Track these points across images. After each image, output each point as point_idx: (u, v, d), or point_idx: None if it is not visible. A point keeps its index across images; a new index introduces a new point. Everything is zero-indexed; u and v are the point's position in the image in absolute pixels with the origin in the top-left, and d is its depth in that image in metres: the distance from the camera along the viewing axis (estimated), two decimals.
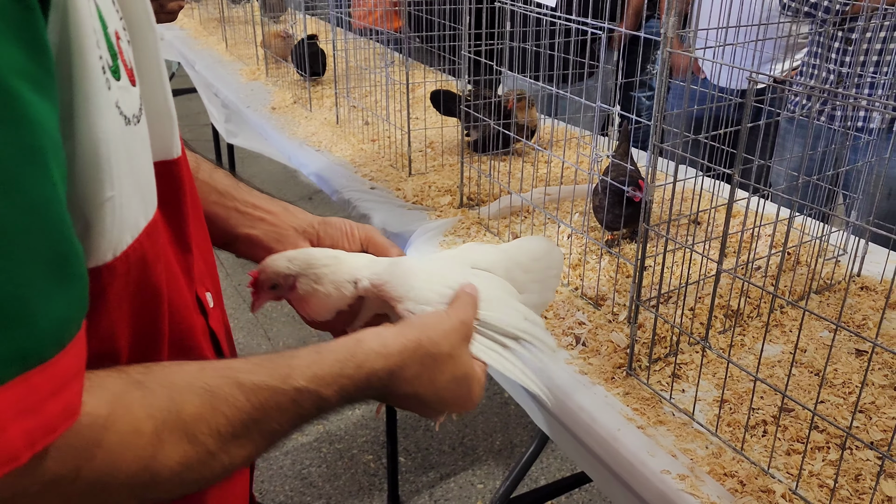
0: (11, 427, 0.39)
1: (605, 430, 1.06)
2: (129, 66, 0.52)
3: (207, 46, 3.96)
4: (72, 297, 0.43)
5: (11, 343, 0.39)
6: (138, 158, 0.52)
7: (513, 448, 2.54)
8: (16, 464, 0.40)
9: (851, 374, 1.15)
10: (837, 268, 1.47)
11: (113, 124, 0.48)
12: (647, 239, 1.09)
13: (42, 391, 0.41)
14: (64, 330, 0.43)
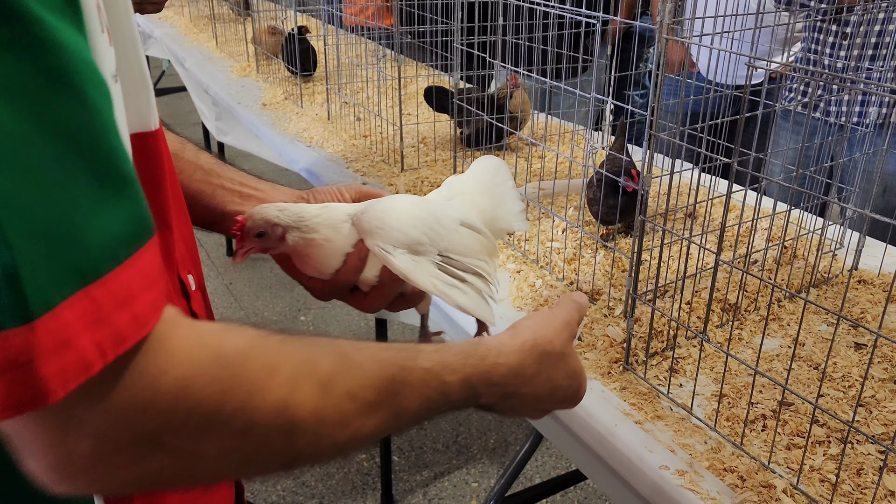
0: (81, 338, 0.40)
1: (602, 426, 1.04)
2: (107, 26, 0.50)
3: (198, 43, 3.92)
4: (123, 214, 0.43)
5: (65, 260, 0.40)
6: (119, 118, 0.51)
7: (507, 446, 2.52)
8: (90, 373, 0.41)
9: (850, 367, 1.13)
10: (834, 262, 1.45)
11: (108, 71, 0.47)
12: (644, 231, 1.07)
13: (106, 304, 0.41)
14: (118, 246, 0.43)
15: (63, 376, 0.39)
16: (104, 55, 0.47)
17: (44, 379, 0.39)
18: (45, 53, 0.39)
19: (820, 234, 1.42)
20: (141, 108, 0.57)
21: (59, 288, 0.39)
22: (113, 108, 0.44)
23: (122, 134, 0.50)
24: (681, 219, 1.63)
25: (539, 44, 1.59)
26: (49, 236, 0.39)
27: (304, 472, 2.42)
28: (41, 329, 0.38)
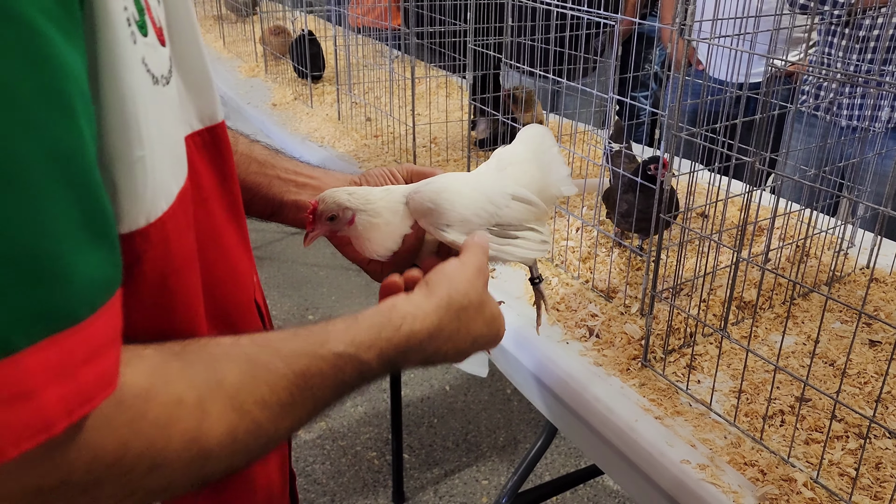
0: (46, 392, 0.36)
1: (623, 421, 1.06)
2: (158, 25, 0.50)
3: (205, 43, 3.94)
4: (103, 259, 0.40)
5: (40, 299, 0.36)
6: (167, 121, 0.50)
7: (516, 444, 2.53)
8: (52, 432, 0.37)
9: (866, 364, 1.15)
10: (846, 261, 1.47)
11: (140, 80, 0.45)
12: (663, 229, 1.09)
13: (76, 356, 0.38)
14: (96, 292, 0.40)
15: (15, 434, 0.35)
16: (150, 56, 0.47)
17: None
18: (47, 71, 0.36)
19: (832, 233, 1.44)
20: (207, 101, 0.58)
21: (27, 329, 0.35)
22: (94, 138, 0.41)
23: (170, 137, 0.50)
24: (695, 218, 1.65)
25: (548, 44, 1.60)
26: (25, 265, 0.35)
27: (315, 470, 2.44)
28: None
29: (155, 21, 0.49)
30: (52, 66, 0.37)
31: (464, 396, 2.77)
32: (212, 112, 0.59)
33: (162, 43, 0.50)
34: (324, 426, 2.62)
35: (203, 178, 0.58)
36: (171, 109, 0.51)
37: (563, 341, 1.24)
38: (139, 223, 0.47)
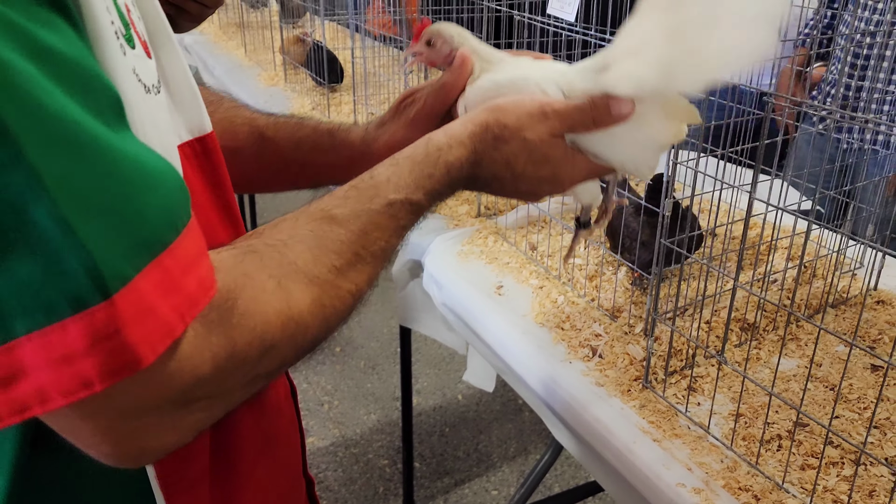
0: (161, 304, 0.43)
1: (621, 443, 1.07)
2: (143, 39, 0.53)
3: (227, 51, 4.00)
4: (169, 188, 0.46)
5: (133, 236, 0.42)
6: (163, 128, 0.53)
7: (527, 455, 2.55)
8: (175, 335, 0.44)
9: (867, 389, 1.15)
10: (854, 281, 1.47)
11: (133, 89, 0.48)
12: (664, 255, 1.11)
13: (175, 271, 0.44)
14: (173, 217, 0.45)
15: (150, 341, 0.42)
16: (140, 67, 0.50)
17: (133, 346, 0.41)
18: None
19: (838, 254, 1.44)
20: (194, 112, 0.61)
21: (132, 262, 0.42)
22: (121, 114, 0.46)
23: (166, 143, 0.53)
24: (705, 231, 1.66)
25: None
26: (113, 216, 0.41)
27: (327, 477, 2.47)
28: (121, 302, 0.41)
29: (140, 35, 0.52)
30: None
31: (476, 406, 2.79)
32: (200, 123, 0.62)
33: (148, 55, 0.53)
34: (337, 433, 2.66)
35: (195, 188, 0.60)
36: (163, 117, 0.54)
37: (567, 361, 1.26)
38: None
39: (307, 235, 0.57)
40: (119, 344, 0.41)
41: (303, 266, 0.55)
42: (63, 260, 0.39)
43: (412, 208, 0.64)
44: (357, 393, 2.87)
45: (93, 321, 0.40)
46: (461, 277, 1.54)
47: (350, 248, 0.58)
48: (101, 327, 0.40)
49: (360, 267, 0.59)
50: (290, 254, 0.55)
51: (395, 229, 0.63)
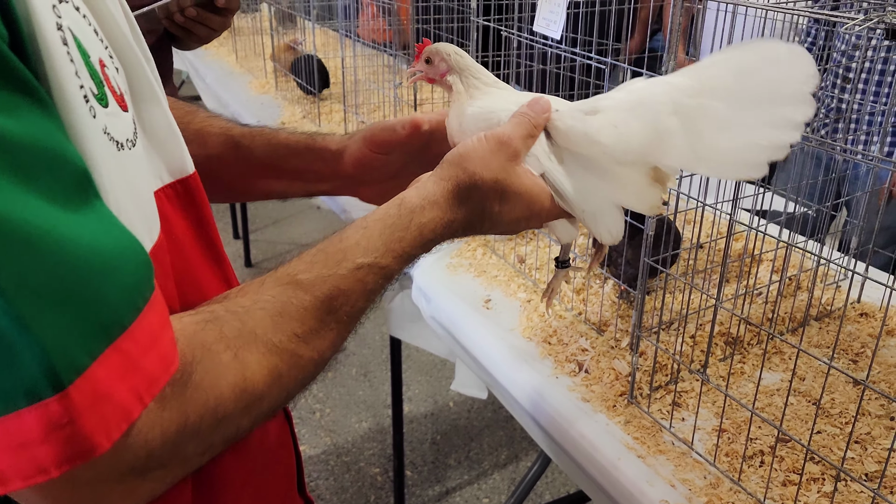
0: (118, 389, 0.43)
1: (606, 459, 1.09)
2: (119, 92, 0.53)
3: (218, 57, 4.00)
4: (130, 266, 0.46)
5: (89, 322, 0.42)
6: (137, 182, 0.53)
7: (518, 462, 2.57)
8: (131, 418, 0.44)
9: (848, 403, 1.17)
10: (838, 293, 1.49)
11: (103, 150, 0.48)
12: (648, 273, 1.12)
13: (134, 353, 0.44)
14: (135, 294, 0.45)
15: (106, 429, 0.43)
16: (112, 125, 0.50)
17: (88, 435, 0.42)
18: None
19: (823, 266, 1.46)
20: (175, 156, 0.62)
21: (89, 349, 0.42)
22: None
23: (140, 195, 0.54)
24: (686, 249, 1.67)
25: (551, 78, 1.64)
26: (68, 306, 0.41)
27: (319, 486, 2.48)
28: (76, 393, 0.41)
29: (115, 89, 0.52)
30: None
31: (467, 413, 2.80)
32: (181, 165, 0.62)
33: (124, 108, 0.53)
34: (328, 441, 2.67)
35: (177, 228, 0.61)
36: (139, 170, 0.54)
37: (553, 376, 1.27)
38: None
39: (270, 301, 0.57)
40: (74, 433, 0.41)
41: (262, 335, 0.55)
42: (18, 354, 0.40)
43: (381, 273, 0.63)
44: (349, 400, 2.88)
45: (47, 412, 0.41)
46: (449, 291, 1.55)
47: (314, 315, 0.58)
48: (55, 418, 0.41)
49: (325, 333, 0.59)
50: (250, 321, 0.55)
51: (363, 294, 0.62)
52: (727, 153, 0.67)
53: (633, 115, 0.70)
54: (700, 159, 0.68)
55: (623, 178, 0.73)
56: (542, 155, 0.73)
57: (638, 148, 0.70)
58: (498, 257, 1.67)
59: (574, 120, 0.74)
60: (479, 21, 1.61)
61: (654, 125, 0.69)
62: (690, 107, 0.67)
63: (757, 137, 0.65)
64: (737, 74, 0.66)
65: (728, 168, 0.70)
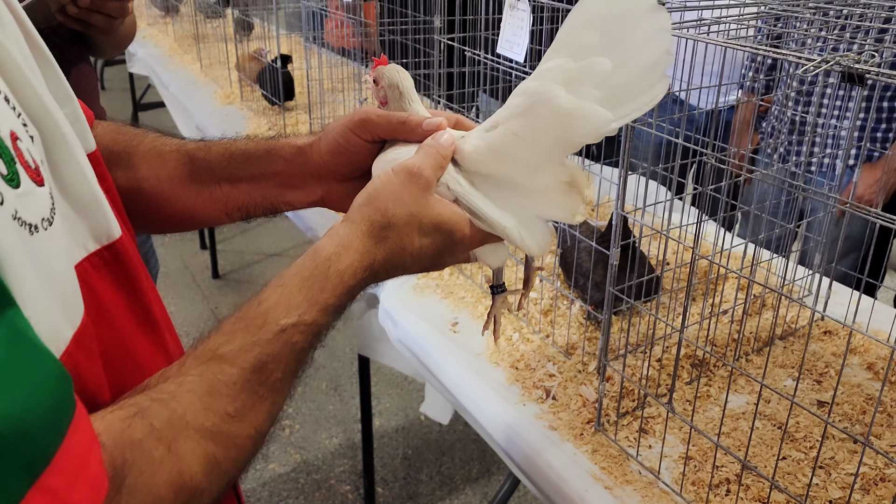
0: None
1: (574, 490, 1.08)
2: (33, 166, 0.49)
3: (182, 65, 3.93)
4: (46, 390, 0.42)
5: (9, 465, 0.38)
6: (53, 265, 0.49)
7: (490, 476, 2.56)
8: None
9: (812, 427, 1.18)
10: (802, 311, 1.50)
11: (12, 239, 0.45)
12: (613, 302, 1.11)
13: (61, 489, 0.41)
14: (56, 420, 0.42)
15: None
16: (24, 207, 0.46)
17: None
18: None
19: (788, 283, 1.47)
20: (99, 220, 0.58)
21: (10, 495, 0.38)
22: None
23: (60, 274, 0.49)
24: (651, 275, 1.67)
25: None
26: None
27: (289, 502, 2.45)
28: None
29: (28, 164, 0.48)
30: None
31: (438, 427, 2.79)
32: (107, 230, 0.58)
33: (39, 183, 0.49)
34: (297, 458, 2.63)
35: (106, 300, 0.57)
36: (57, 249, 0.50)
37: (521, 403, 1.26)
38: None
39: (196, 382, 0.53)
40: None
41: (193, 420, 0.52)
42: None
43: (308, 330, 0.60)
44: (318, 416, 2.85)
45: None
46: (416, 314, 1.53)
47: (244, 389, 0.55)
48: None
49: (259, 406, 0.56)
50: (179, 407, 0.52)
51: (293, 355, 0.59)
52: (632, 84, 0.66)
53: (529, 116, 0.69)
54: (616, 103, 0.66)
55: (539, 189, 0.72)
56: (452, 181, 0.72)
57: (545, 146, 0.69)
58: (465, 277, 1.66)
59: (477, 139, 0.73)
60: (443, 39, 1.59)
61: (553, 112, 0.67)
62: (575, 71, 0.66)
63: (639, 71, 0.66)
64: (601, 30, 0.66)
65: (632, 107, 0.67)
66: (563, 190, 0.72)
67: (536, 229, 0.73)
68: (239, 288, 3.78)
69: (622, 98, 0.66)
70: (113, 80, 7.20)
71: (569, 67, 0.67)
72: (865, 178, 2.03)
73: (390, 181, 0.69)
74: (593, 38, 0.66)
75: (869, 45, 1.02)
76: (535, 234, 0.73)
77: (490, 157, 0.72)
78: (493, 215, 0.72)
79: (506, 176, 0.72)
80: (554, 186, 0.71)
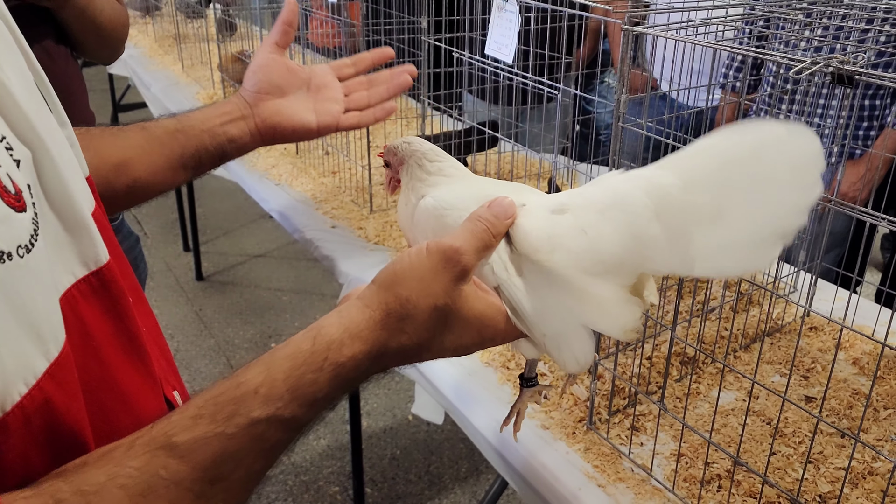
0: None
1: (567, 489, 1.09)
2: (13, 191, 0.47)
3: (163, 66, 3.90)
4: None
5: None
6: (25, 295, 0.46)
7: (479, 475, 2.56)
8: None
9: (801, 422, 1.19)
10: (788, 307, 1.52)
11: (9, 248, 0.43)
12: None
13: None
14: None
15: None
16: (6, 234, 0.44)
17: None
18: None
19: (775, 280, 1.49)
20: (85, 247, 0.55)
21: None
22: None
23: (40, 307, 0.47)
24: None
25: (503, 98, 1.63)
26: None
27: None
28: None
29: (5, 190, 0.46)
30: None
31: (426, 426, 2.79)
32: (95, 254, 0.55)
33: (19, 208, 0.47)
34: (286, 461, 2.62)
35: (93, 328, 0.54)
36: (33, 278, 0.47)
37: (511, 403, 1.27)
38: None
39: (133, 476, 0.46)
40: None
41: None
42: None
43: (283, 426, 0.52)
44: None
45: None
46: None
47: (191, 490, 0.48)
48: None
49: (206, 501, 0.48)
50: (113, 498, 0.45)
51: (261, 454, 0.51)
52: (724, 253, 0.58)
53: (605, 219, 0.60)
54: (692, 263, 0.58)
55: (594, 294, 0.61)
56: (498, 265, 0.63)
57: (610, 258, 0.60)
58: None
59: (538, 219, 0.64)
60: (430, 40, 1.59)
61: (632, 231, 0.59)
62: (675, 206, 0.57)
63: (757, 230, 0.56)
64: (725, 162, 0.57)
65: (728, 266, 0.60)
66: (622, 298, 0.62)
67: (578, 342, 0.63)
68: (223, 290, 3.75)
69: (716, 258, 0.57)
70: (92, 82, 7.10)
71: (676, 188, 0.57)
72: (849, 175, 2.06)
73: (420, 264, 0.59)
74: (726, 175, 0.56)
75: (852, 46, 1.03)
76: (575, 348, 0.63)
77: (547, 244, 0.63)
78: (534, 318, 0.62)
79: (558, 272, 0.62)
80: (611, 294, 0.62)
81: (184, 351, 3.25)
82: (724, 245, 0.57)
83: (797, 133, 0.56)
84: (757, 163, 0.56)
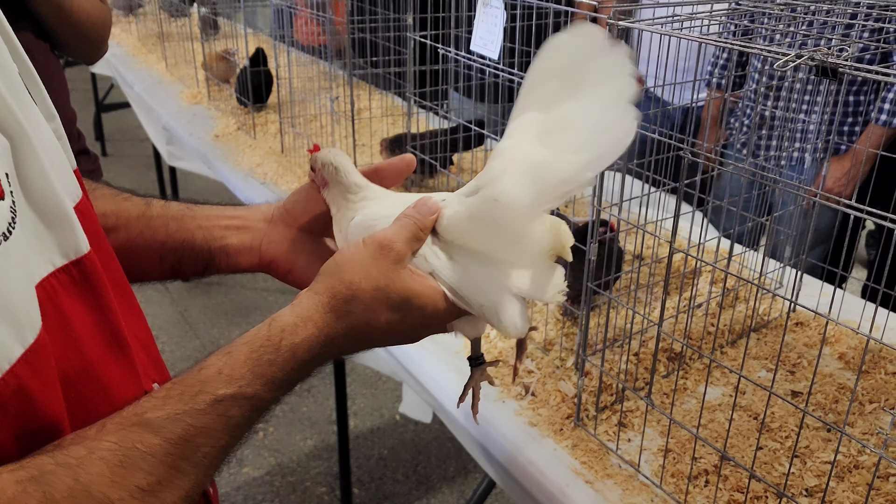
0: None
1: (555, 486, 1.08)
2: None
3: (147, 65, 3.87)
4: None
5: None
6: (1, 281, 0.47)
7: (466, 474, 2.56)
8: None
9: (787, 417, 1.19)
10: (774, 303, 1.52)
11: None
12: (591, 298, 1.12)
13: None
14: None
15: None
16: None
17: None
18: None
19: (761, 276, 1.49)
20: (65, 238, 0.55)
21: None
22: None
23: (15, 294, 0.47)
24: (628, 261, 1.68)
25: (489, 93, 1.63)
26: None
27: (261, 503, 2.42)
28: None
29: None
30: None
31: (413, 425, 2.78)
32: (75, 245, 0.56)
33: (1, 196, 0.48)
34: (272, 461, 2.61)
35: (73, 318, 0.55)
36: (10, 267, 0.48)
37: (500, 400, 1.26)
38: None
39: (111, 449, 0.49)
40: None
41: (98, 492, 0.47)
42: None
43: (248, 404, 0.56)
44: (293, 418, 2.82)
45: None
46: None
47: (164, 462, 0.51)
48: None
49: (178, 482, 0.52)
50: (84, 476, 0.47)
51: (226, 430, 0.55)
52: (601, 139, 0.65)
53: (509, 178, 0.66)
54: (586, 153, 0.65)
55: (519, 262, 0.69)
56: (429, 254, 0.69)
57: (530, 201, 0.66)
58: None
59: (458, 205, 0.70)
60: (416, 37, 1.58)
61: (533, 170, 0.65)
62: (547, 126, 0.66)
63: (608, 114, 0.65)
64: (561, 81, 0.66)
65: (609, 149, 0.66)
66: (545, 263, 0.70)
67: (512, 308, 0.69)
68: (208, 290, 3.72)
69: (596, 141, 0.65)
70: (75, 81, 7.04)
71: (538, 119, 0.66)
72: (834, 170, 2.07)
73: (359, 252, 0.66)
74: (555, 85, 0.65)
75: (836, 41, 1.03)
76: (510, 314, 0.69)
77: (469, 225, 0.69)
78: (468, 293, 0.68)
79: (485, 245, 0.69)
80: (534, 259, 0.69)
81: (169, 352, 3.23)
82: (592, 135, 0.65)
83: (576, 32, 0.65)
84: (579, 67, 0.65)
